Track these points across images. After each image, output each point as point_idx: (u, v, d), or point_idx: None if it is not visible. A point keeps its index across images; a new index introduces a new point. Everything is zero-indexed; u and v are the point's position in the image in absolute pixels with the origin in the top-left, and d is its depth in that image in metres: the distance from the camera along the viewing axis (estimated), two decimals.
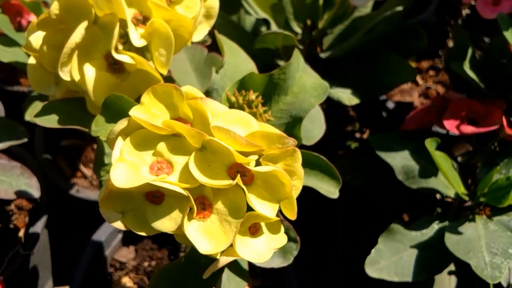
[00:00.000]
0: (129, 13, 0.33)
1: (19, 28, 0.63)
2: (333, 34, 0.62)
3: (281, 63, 0.62)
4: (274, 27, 0.61)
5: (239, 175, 0.25)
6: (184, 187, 0.25)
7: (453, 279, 0.49)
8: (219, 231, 0.25)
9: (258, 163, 0.27)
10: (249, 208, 0.27)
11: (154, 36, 0.33)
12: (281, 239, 0.28)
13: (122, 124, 0.28)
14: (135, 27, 0.33)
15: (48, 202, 0.63)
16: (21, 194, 0.53)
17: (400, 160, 0.50)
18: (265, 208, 0.26)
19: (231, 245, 0.26)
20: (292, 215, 0.27)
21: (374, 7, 0.63)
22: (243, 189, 0.25)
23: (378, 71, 0.57)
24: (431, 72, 0.81)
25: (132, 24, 0.33)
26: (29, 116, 0.53)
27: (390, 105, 0.74)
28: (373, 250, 0.46)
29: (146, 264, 0.62)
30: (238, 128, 0.26)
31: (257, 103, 0.34)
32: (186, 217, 0.25)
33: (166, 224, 0.25)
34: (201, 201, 0.26)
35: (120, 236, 0.63)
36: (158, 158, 0.26)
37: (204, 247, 0.25)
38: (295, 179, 0.28)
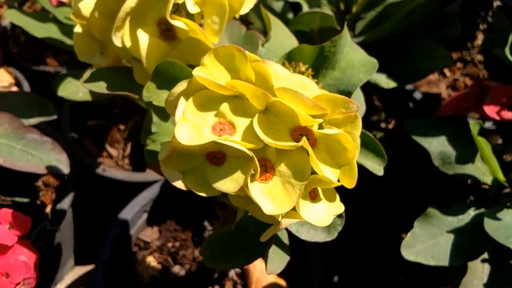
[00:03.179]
0: None
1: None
2: (366, 19, 0.62)
3: None
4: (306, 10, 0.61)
5: (304, 137, 0.25)
6: (248, 147, 0.25)
7: (486, 267, 0.49)
8: (282, 193, 0.25)
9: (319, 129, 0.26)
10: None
11: (208, 3, 0.33)
12: (339, 206, 0.28)
13: (181, 86, 0.27)
14: None
15: (74, 180, 0.63)
16: (51, 169, 0.53)
17: (436, 146, 0.50)
18: (329, 173, 0.25)
19: (292, 209, 0.25)
20: (352, 182, 0.27)
21: None
22: (307, 152, 0.25)
23: (413, 56, 0.56)
24: (459, 64, 0.80)
25: None
26: (62, 91, 0.53)
27: (417, 95, 0.74)
28: (409, 234, 0.46)
29: (170, 244, 0.62)
30: (301, 91, 0.26)
31: (307, 75, 0.34)
32: (249, 178, 0.25)
33: (228, 185, 0.25)
34: (263, 163, 0.25)
35: (145, 216, 0.63)
36: (220, 119, 0.26)
37: (268, 208, 0.24)
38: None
